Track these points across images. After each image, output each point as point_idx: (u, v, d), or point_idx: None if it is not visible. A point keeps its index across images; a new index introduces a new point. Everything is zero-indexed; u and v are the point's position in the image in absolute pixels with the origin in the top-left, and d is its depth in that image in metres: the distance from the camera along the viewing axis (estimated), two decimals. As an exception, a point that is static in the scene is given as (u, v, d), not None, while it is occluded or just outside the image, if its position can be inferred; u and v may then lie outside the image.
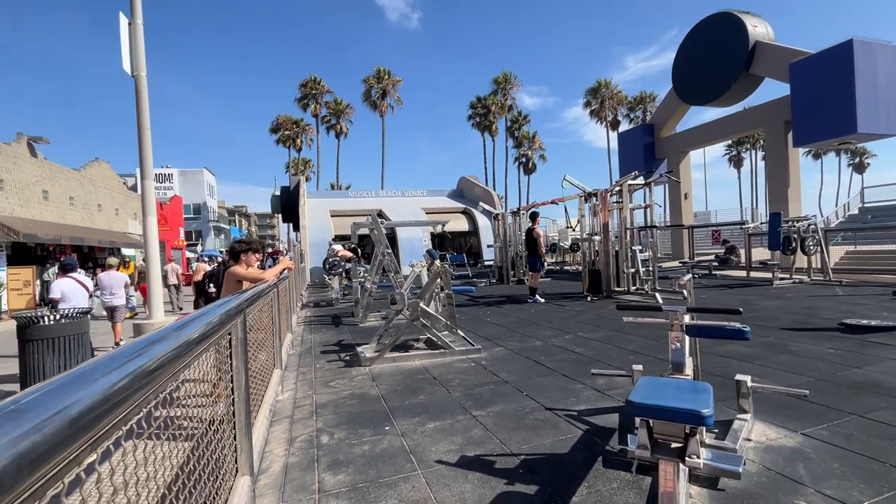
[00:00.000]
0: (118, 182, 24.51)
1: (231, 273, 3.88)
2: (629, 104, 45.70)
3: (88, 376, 0.72)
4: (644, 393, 1.84)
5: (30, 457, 0.50)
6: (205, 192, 43.08)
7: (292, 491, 2.35)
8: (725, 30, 15.66)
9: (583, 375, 3.96)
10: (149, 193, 6.35)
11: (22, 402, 0.56)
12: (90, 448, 0.72)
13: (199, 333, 1.34)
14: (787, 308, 6.85)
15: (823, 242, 10.37)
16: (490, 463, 2.51)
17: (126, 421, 0.91)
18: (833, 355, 4.20)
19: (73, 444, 0.61)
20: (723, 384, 3.37)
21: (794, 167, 14.80)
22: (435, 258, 5.89)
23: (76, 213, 19.69)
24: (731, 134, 18.79)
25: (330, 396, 3.86)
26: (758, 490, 2.11)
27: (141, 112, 6.33)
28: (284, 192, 20.90)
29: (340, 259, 11.04)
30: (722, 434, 2.56)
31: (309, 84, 42.60)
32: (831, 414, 2.89)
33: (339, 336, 6.60)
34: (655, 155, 19.68)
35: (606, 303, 8.28)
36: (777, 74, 14.28)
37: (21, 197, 16.30)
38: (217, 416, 1.81)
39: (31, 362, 4.51)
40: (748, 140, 49.46)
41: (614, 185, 9.36)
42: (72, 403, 0.62)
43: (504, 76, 43.99)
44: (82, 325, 4.88)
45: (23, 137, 16.90)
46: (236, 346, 2.07)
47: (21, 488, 0.51)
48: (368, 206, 18.96)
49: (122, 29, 6.19)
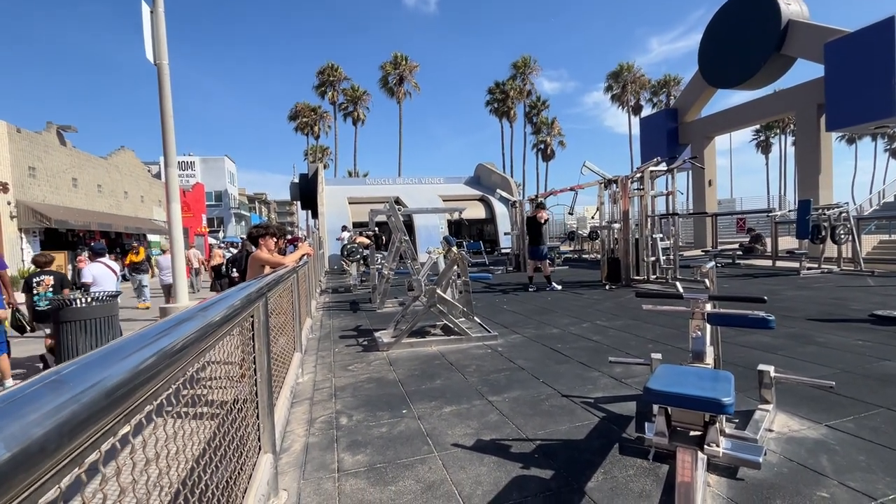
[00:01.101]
0: (143, 170, 25.14)
1: (255, 258, 3.97)
2: (652, 88, 44.42)
3: (122, 351, 0.75)
4: (663, 380, 1.82)
5: (70, 424, 0.53)
6: (226, 179, 43.82)
7: (313, 469, 2.42)
8: (756, 8, 14.96)
9: (600, 363, 3.94)
10: (172, 181, 6.49)
11: (63, 373, 0.59)
12: (124, 420, 0.76)
13: (222, 315, 1.38)
14: (814, 298, 6.65)
15: (855, 231, 9.97)
16: (506, 447, 2.53)
17: (156, 396, 0.95)
18: (862, 347, 4.07)
19: (109, 414, 0.64)
20: (744, 374, 3.31)
21: (826, 153, 14.20)
22: (452, 245, 5.89)
23: (104, 199, 20.31)
24: (760, 118, 18.10)
25: (348, 380, 3.94)
26: (778, 481, 2.08)
27: (164, 100, 6.44)
28: (303, 180, 21.12)
29: (358, 245, 11.14)
30: (742, 424, 2.53)
31: (326, 71, 42.61)
32: (858, 406, 2.82)
33: (357, 321, 6.69)
34: (679, 140, 19.11)
35: (625, 291, 8.18)
36: (811, 55, 13.62)
37: (52, 184, 16.88)
38: (241, 395, 1.87)
39: (66, 342, 4.73)
40: (777, 125, 47.57)
41: (635, 171, 9.16)
42: (108, 376, 0.65)
43: (523, 60, 43.20)
44: (112, 308, 5.08)
45: (52, 126, 17.41)
46: (258, 329, 2.12)
47: (62, 454, 0.54)
48: (386, 194, 19.01)
49: (145, 17, 6.27)
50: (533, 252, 8.97)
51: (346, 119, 44.62)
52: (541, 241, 8.98)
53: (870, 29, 11.88)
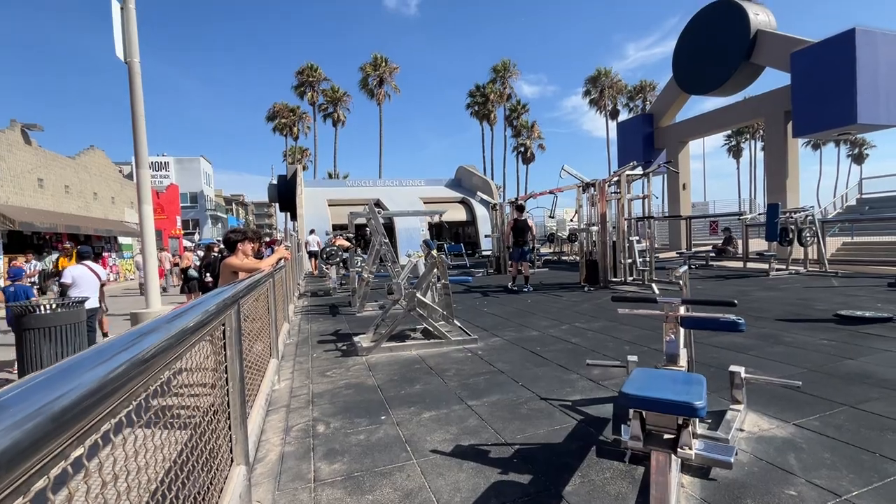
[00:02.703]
0: (114, 170, 24.30)
1: (227, 265, 3.87)
2: (629, 93, 45.40)
3: (75, 370, 0.71)
4: (638, 384, 1.85)
5: (9, 454, 0.50)
6: (201, 180, 42.72)
7: (288, 480, 2.37)
8: (727, 18, 15.48)
9: (578, 366, 3.98)
10: (144, 182, 6.29)
11: (4, 398, 0.56)
12: (77, 442, 0.72)
13: (193, 323, 1.34)
14: (782, 299, 6.89)
15: (820, 233, 10.38)
16: (485, 452, 2.53)
17: (115, 414, 0.90)
18: (827, 346, 4.23)
19: (58, 438, 0.60)
20: (717, 374, 3.40)
21: (792, 158, 14.75)
22: (432, 248, 5.88)
23: (72, 201, 19.55)
24: (731, 124, 18.68)
25: (326, 386, 3.88)
26: (749, 480, 2.13)
27: (135, 99, 6.24)
28: (281, 181, 20.80)
29: (337, 248, 11.02)
30: (715, 424, 2.59)
31: (306, 71, 42.09)
32: (823, 405, 2.92)
33: (337, 326, 6.61)
34: (654, 145, 19.57)
35: (603, 293, 8.31)
36: (778, 64, 14.16)
37: (16, 185, 16.17)
38: (212, 406, 1.81)
39: (28, 351, 4.51)
40: (748, 130, 49.27)
41: (612, 175, 9.33)
42: (56, 398, 0.61)
43: (503, 64, 43.54)
44: (79, 314, 4.87)
45: (16, 124, 16.68)
46: (230, 337, 2.06)
47: (2, 483, 0.50)
48: (366, 196, 18.88)
49: (115, 14, 6.08)
50: (520, 254, 9.16)
51: (325, 120, 44.18)
52: (525, 243, 9.16)
53: (833, 39, 12.42)
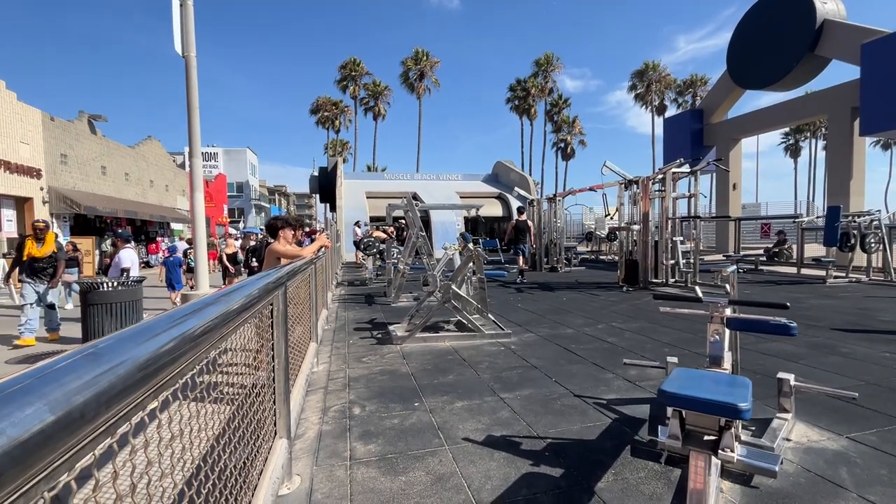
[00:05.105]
0: (168, 160, 25.74)
1: (271, 250, 4.04)
2: (678, 88, 43.48)
3: (153, 329, 0.79)
4: (678, 383, 1.80)
5: (107, 394, 0.56)
6: (247, 170, 44.52)
7: (325, 456, 2.47)
8: (790, 7, 14.47)
9: (614, 365, 3.91)
10: (197, 170, 6.63)
11: (100, 346, 0.63)
12: (153, 395, 0.79)
13: (241, 303, 1.42)
14: (840, 308, 6.45)
15: (887, 240, 9.61)
16: (516, 444, 2.54)
17: (182, 375, 0.98)
18: (889, 360, 3.94)
19: (141, 388, 0.67)
20: (763, 382, 3.25)
21: (858, 158, 13.68)
22: (468, 242, 5.90)
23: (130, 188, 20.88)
24: (790, 121, 17.54)
25: (362, 371, 3.99)
26: (795, 490, 2.04)
27: (190, 92, 6.58)
28: (322, 173, 21.37)
29: (375, 240, 11.24)
30: (759, 432, 2.48)
31: (348, 66, 42.89)
32: (882, 419, 2.74)
33: (372, 314, 6.76)
34: (704, 142, 18.67)
35: (643, 294, 8.06)
36: (847, 56, 13.13)
37: (82, 172, 17.44)
38: (259, 381, 1.92)
39: (92, 324, 4.91)
40: (808, 128, 46.04)
41: (657, 172, 9.00)
42: (139, 352, 0.68)
43: (546, 57, 42.73)
44: (136, 293, 5.25)
45: (84, 115, 17.96)
46: (277, 317, 2.17)
47: (99, 422, 0.57)
48: (404, 189, 19.10)
49: (175, 10, 6.42)
50: (523, 250, 10.74)
51: (366, 114, 44.94)
52: (524, 241, 10.73)
53: (911, 29, 11.39)
